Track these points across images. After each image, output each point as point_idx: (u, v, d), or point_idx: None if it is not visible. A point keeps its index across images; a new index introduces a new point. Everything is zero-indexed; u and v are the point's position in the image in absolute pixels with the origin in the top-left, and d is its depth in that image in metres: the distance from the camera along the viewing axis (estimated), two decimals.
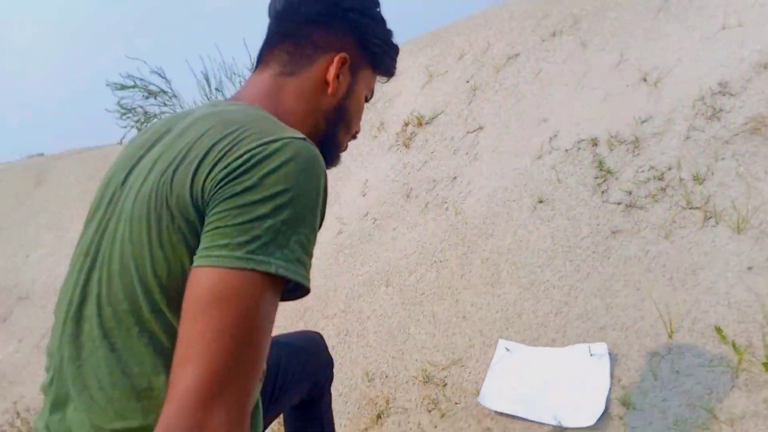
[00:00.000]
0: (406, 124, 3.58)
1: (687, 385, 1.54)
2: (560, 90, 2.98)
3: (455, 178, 2.90)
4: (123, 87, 5.51)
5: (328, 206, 2.83)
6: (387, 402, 1.97)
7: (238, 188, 0.68)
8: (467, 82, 3.57)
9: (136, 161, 0.84)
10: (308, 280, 0.71)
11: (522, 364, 1.82)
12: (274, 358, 1.17)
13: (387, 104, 4.04)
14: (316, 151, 0.76)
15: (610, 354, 1.71)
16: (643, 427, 1.50)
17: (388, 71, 1.04)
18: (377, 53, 0.98)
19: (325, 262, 2.94)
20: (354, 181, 3.48)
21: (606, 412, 1.58)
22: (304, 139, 0.76)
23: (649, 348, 1.68)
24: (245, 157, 0.70)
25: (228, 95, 6.07)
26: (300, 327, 2.62)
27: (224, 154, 0.71)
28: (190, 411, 0.58)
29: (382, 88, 4.29)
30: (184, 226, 0.70)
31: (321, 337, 1.40)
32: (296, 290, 0.72)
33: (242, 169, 0.69)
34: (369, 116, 4.01)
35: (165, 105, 5.72)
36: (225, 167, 0.70)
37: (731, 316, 1.63)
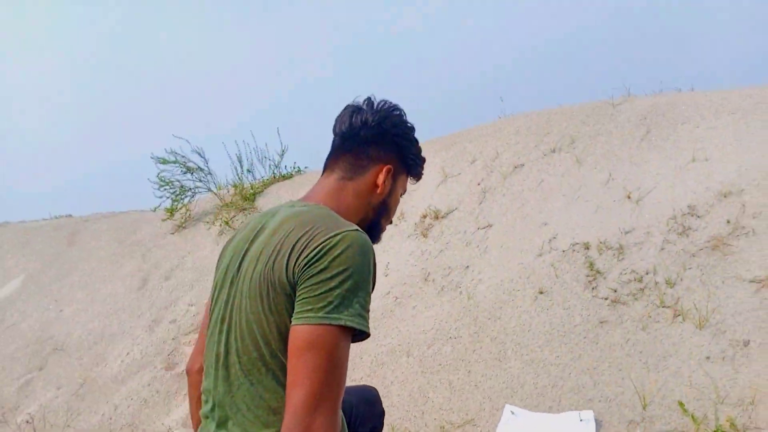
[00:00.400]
0: (424, 216, 4.12)
1: None
2: (559, 199, 3.54)
3: (468, 267, 3.39)
4: (165, 161, 6.10)
5: None
6: None
7: (315, 270, 1.01)
8: (478, 184, 4.14)
9: (245, 252, 1.23)
10: (368, 327, 1.03)
11: (525, 426, 2.24)
12: (347, 402, 1.50)
13: (406, 197, 4.59)
14: (366, 237, 1.08)
15: (595, 420, 2.13)
16: None
17: (419, 176, 1.39)
18: (412, 165, 1.33)
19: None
20: (377, 263, 3.96)
21: None
22: (357, 229, 1.08)
23: (627, 417, 2.11)
24: (318, 248, 1.02)
25: (257, 176, 6.69)
26: None
27: (304, 247, 1.04)
28: (302, 417, 0.97)
29: None
30: (284, 298, 1.08)
31: (377, 391, 1.77)
32: (361, 335, 1.03)
33: (317, 257, 1.02)
34: None
35: (200, 181, 6.29)
36: (306, 256, 1.03)
37: (692, 395, 2.07)
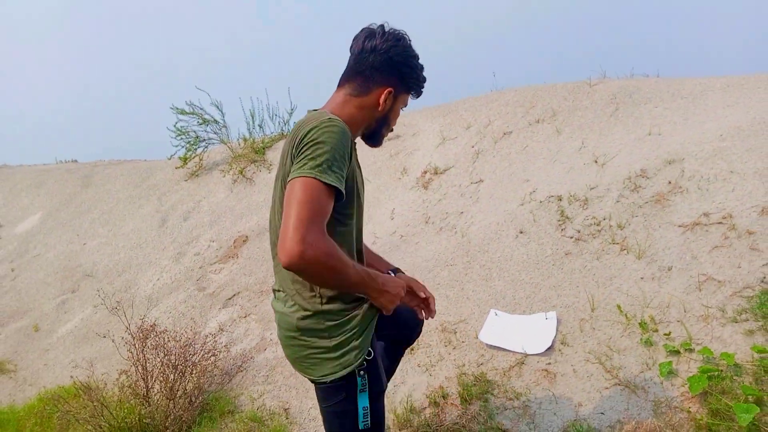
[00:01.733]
0: (425, 172, 4.82)
1: (598, 334, 2.74)
2: (539, 161, 4.27)
3: (462, 213, 4.12)
4: (183, 112, 6.66)
5: (364, 223, 4.19)
6: (417, 341, 3.11)
7: (299, 150, 1.37)
8: (472, 147, 4.85)
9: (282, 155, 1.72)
10: (332, 180, 1.32)
11: (504, 324, 3.00)
12: (400, 307, 1.72)
13: (408, 156, 5.29)
14: (342, 124, 1.40)
15: (557, 319, 2.90)
16: (571, 354, 2.69)
17: (419, 94, 1.65)
18: (413, 86, 1.61)
19: None
20: (383, 209, 4.68)
21: (552, 346, 2.76)
22: (334, 118, 1.40)
23: (579, 316, 2.88)
24: (303, 136, 1.38)
25: (267, 132, 7.28)
26: None
27: (296, 141, 1.40)
28: (293, 231, 1.25)
29: (404, 143, 5.55)
30: (289, 169, 1.40)
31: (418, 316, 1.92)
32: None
33: (302, 142, 1.37)
34: (394, 163, 5.25)
35: (215, 133, 6.87)
36: (296, 146, 1.39)
37: (627, 302, 2.84)
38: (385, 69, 1.54)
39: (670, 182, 3.41)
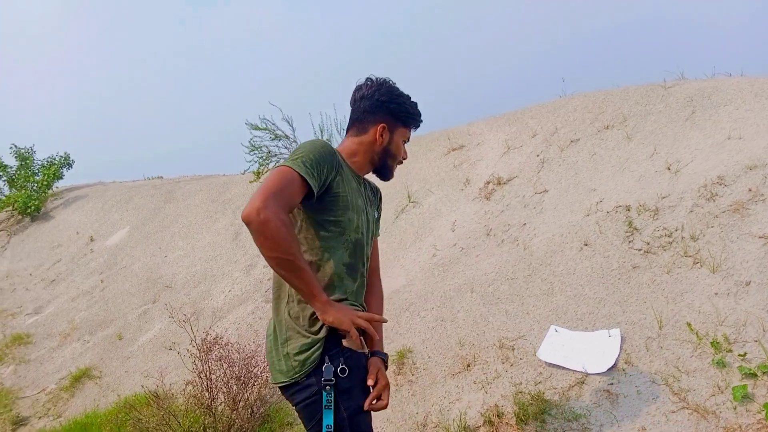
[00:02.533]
0: (488, 183, 4.73)
1: (665, 354, 2.57)
2: (608, 169, 4.09)
3: (524, 224, 4.01)
4: (257, 127, 6.91)
5: (425, 235, 4.19)
6: (474, 358, 3.05)
7: None
8: (537, 156, 4.71)
9: None
10: (300, 168, 1.52)
11: (564, 341, 2.88)
12: None
13: (471, 166, 5.22)
14: (325, 142, 1.67)
15: (621, 336, 2.74)
16: (635, 374, 2.54)
17: (416, 125, 1.85)
18: (403, 119, 1.79)
19: (424, 274, 4.06)
20: (444, 221, 4.63)
21: (615, 366, 2.61)
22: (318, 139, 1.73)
23: (646, 335, 2.72)
24: None
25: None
26: (405, 317, 3.71)
27: None
28: (254, 198, 1.46)
29: (468, 153, 5.49)
30: None
31: None
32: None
33: None
34: (457, 174, 5.19)
35: (285, 147, 7.08)
36: None
37: (699, 319, 2.65)
38: (376, 109, 1.76)
39: (750, 189, 3.16)
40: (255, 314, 4.77)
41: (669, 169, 3.70)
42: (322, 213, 1.63)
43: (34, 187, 10.13)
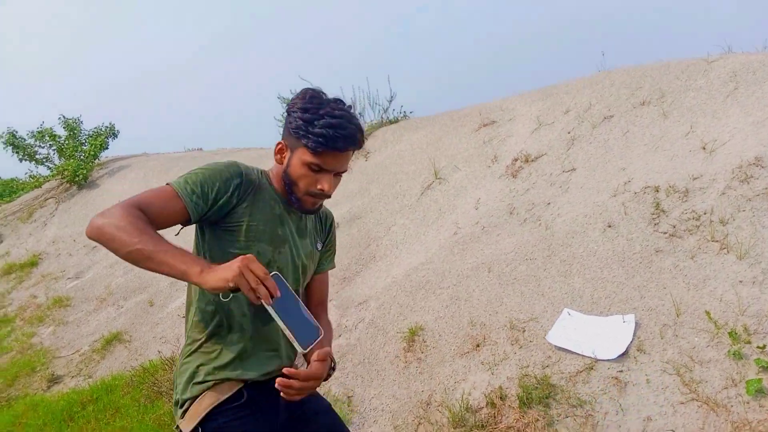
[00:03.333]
0: (516, 160, 4.60)
1: (680, 342, 2.45)
2: (640, 148, 3.90)
3: (549, 203, 3.88)
4: (288, 101, 6.91)
5: (448, 213, 4.12)
6: (484, 338, 2.99)
7: None
8: (568, 133, 4.54)
9: None
10: (180, 187, 1.34)
11: (577, 324, 2.78)
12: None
13: (501, 142, 5.08)
14: (232, 161, 1.44)
15: (636, 322, 2.63)
16: (647, 362, 2.44)
17: (314, 150, 1.37)
18: (302, 137, 1.37)
19: (443, 252, 4.00)
20: (469, 198, 4.54)
21: (626, 353, 2.51)
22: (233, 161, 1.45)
23: (662, 322, 2.60)
24: None
25: (368, 119, 7.37)
26: (420, 294, 3.67)
27: None
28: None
29: (498, 129, 5.34)
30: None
31: None
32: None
33: None
34: (486, 150, 5.07)
35: None
36: None
37: (720, 308, 2.51)
38: (285, 124, 1.48)
39: None
40: None
41: (704, 148, 3.50)
42: (222, 244, 1.42)
43: (82, 157, 10.49)
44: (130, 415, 3.45)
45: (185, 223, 1.38)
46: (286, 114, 1.45)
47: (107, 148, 10.89)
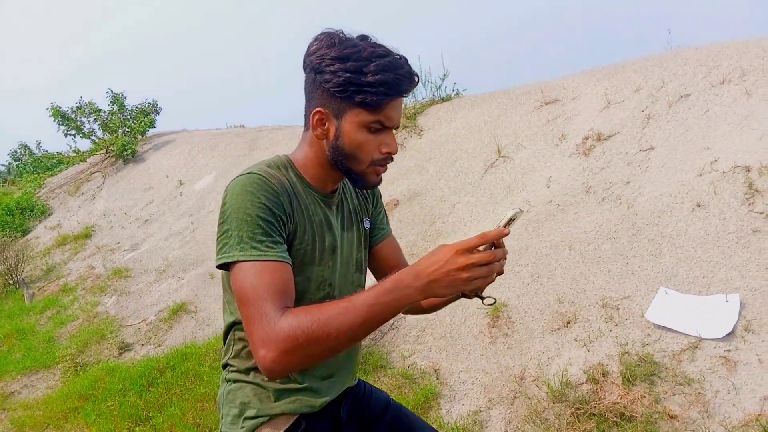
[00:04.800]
0: (586, 138, 4.53)
1: None
2: (723, 127, 3.81)
3: (628, 182, 3.83)
4: None
5: (517, 191, 4.07)
6: (575, 315, 2.98)
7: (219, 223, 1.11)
8: (642, 111, 4.45)
9: None
10: (258, 253, 1.03)
11: (675, 304, 2.76)
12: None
13: (567, 121, 5.01)
14: (251, 176, 1.09)
15: (740, 302, 2.60)
16: (756, 342, 2.41)
17: (376, 105, 1.09)
18: (349, 95, 1.08)
19: (516, 230, 3.98)
20: (538, 177, 4.49)
21: (733, 332, 2.49)
22: (247, 172, 1.11)
23: None
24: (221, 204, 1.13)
25: (419, 97, 7.31)
26: None
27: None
28: (250, 341, 1.00)
29: (563, 107, 5.26)
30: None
31: None
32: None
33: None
34: (551, 129, 5.00)
35: None
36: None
37: None
38: (309, 86, 1.16)
39: None
40: None
41: None
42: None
43: (127, 132, 10.62)
44: (213, 382, 3.52)
45: None
46: (312, 73, 1.13)
47: (154, 126, 11.02)
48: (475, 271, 0.96)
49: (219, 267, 1.07)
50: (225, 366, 1.29)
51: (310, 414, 1.24)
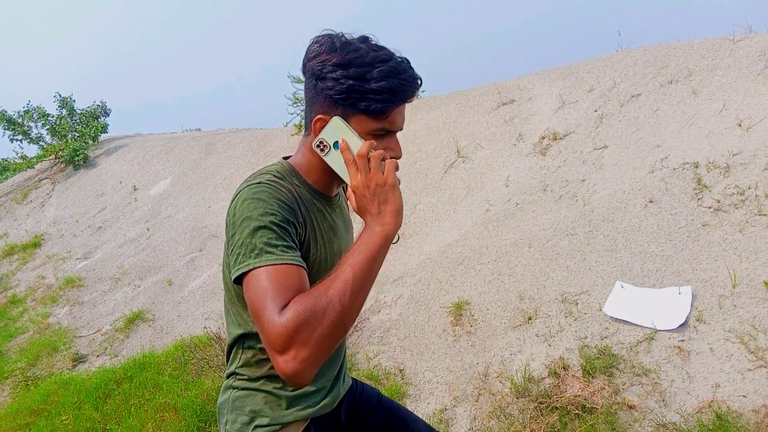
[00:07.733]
0: (543, 138, 4.63)
1: (740, 312, 2.51)
2: (672, 125, 3.95)
3: (583, 180, 3.92)
4: (300, 80, 6.84)
5: (477, 190, 4.15)
6: (536, 311, 3.03)
7: (227, 235, 1.08)
8: (595, 111, 4.57)
9: None
10: (279, 258, 0.98)
11: (631, 297, 2.83)
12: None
13: (524, 121, 5.10)
14: (259, 185, 1.05)
15: (693, 294, 2.69)
16: (708, 332, 2.50)
17: (380, 112, 1.07)
18: (354, 104, 1.06)
19: (477, 229, 4.03)
20: (497, 176, 4.56)
21: (686, 323, 2.57)
22: (252, 183, 1.07)
23: (718, 293, 2.66)
24: (226, 215, 1.09)
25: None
26: (459, 270, 3.70)
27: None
28: (270, 353, 0.94)
29: (519, 107, 5.36)
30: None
31: None
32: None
33: (226, 223, 1.10)
34: (509, 129, 5.09)
35: None
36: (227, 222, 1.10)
37: None
38: (310, 92, 1.13)
39: None
40: None
41: (740, 125, 3.56)
42: None
43: (77, 137, 10.27)
44: (173, 391, 3.43)
45: None
46: (313, 79, 1.10)
47: (107, 132, 10.68)
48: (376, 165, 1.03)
49: (234, 281, 1.02)
50: (231, 374, 1.28)
51: (317, 418, 1.28)
